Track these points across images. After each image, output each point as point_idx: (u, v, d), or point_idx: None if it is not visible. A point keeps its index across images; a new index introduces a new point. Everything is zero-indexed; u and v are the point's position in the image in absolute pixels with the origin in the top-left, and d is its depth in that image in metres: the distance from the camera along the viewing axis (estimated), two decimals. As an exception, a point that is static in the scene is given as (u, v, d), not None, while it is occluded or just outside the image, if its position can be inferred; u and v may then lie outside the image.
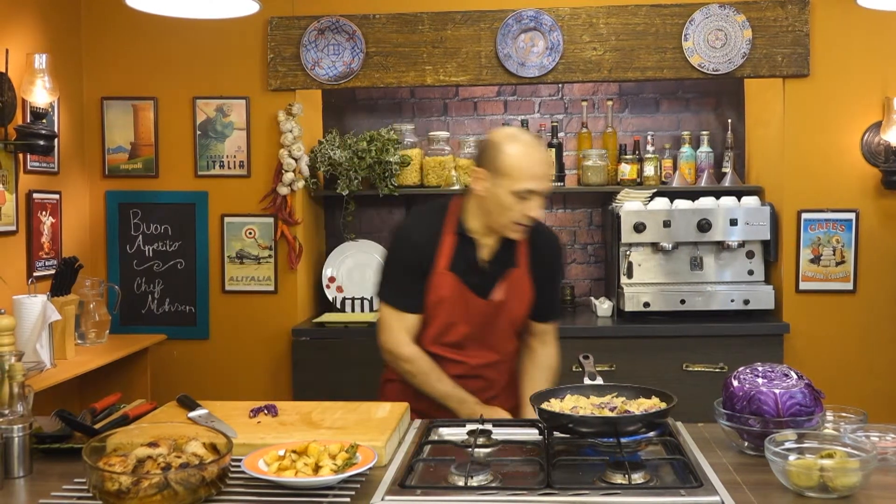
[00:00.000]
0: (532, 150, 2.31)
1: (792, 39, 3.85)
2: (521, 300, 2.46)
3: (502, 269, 2.43)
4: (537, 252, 2.47)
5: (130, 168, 4.12)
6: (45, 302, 3.12)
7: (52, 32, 3.81)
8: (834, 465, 1.58)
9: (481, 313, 2.42)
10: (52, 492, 1.65)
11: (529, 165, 2.28)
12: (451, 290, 2.39)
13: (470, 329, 2.43)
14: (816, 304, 3.90)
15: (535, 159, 2.29)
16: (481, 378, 2.47)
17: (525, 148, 2.31)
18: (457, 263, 2.39)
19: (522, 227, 2.34)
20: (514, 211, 2.30)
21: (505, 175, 2.28)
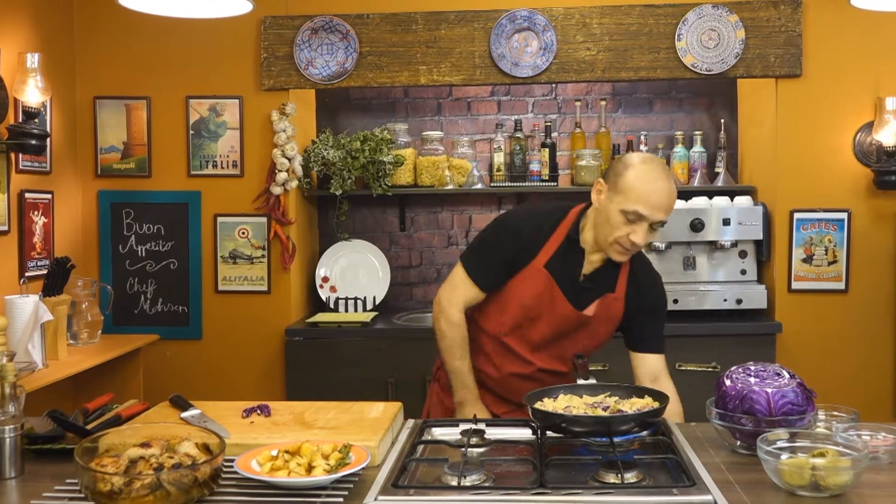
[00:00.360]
0: (657, 177, 2.26)
1: (785, 40, 3.86)
2: (607, 325, 2.43)
3: (599, 290, 2.40)
4: (636, 283, 2.43)
5: (123, 168, 4.11)
6: (37, 302, 3.11)
7: (45, 32, 3.80)
8: (826, 464, 1.58)
9: (565, 321, 2.39)
10: (44, 492, 1.64)
11: (647, 190, 2.23)
12: (543, 287, 2.36)
13: (551, 333, 2.40)
14: (808, 304, 3.91)
15: (656, 186, 2.24)
16: (540, 382, 2.38)
17: (651, 174, 2.26)
18: (555, 265, 2.37)
19: (623, 249, 2.29)
20: (619, 231, 2.26)
21: (621, 192, 2.25)
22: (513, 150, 4.33)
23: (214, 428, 1.89)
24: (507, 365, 2.45)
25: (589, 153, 4.20)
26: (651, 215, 2.24)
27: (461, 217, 4.60)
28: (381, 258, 4.40)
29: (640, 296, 2.43)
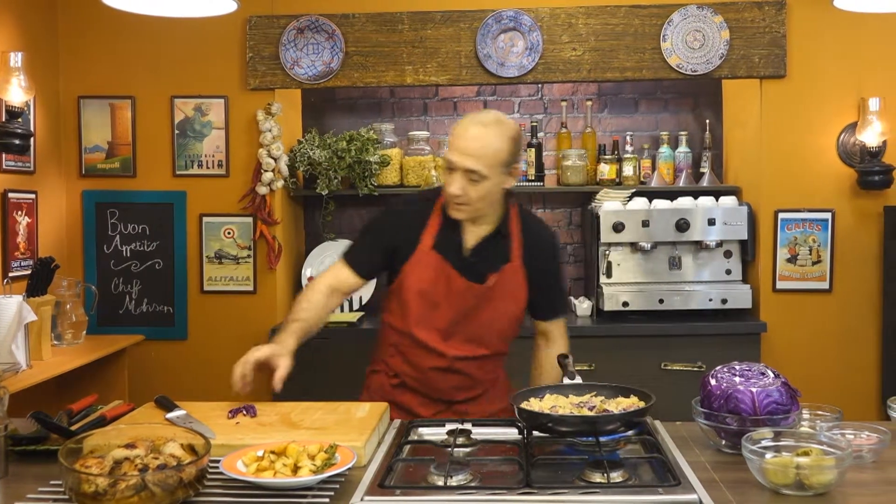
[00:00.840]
0: (469, 124, 2.23)
1: (769, 40, 3.89)
2: (514, 296, 2.38)
3: (494, 262, 2.35)
4: (530, 248, 2.39)
5: (108, 167, 4.09)
6: (20, 302, 3.08)
7: (28, 31, 3.77)
8: (810, 463, 1.59)
9: (465, 298, 2.34)
10: (28, 494, 1.63)
11: (456, 136, 2.23)
12: (436, 268, 2.33)
13: (454, 314, 2.34)
14: (793, 304, 3.94)
15: (466, 132, 2.22)
16: (460, 374, 2.39)
17: (466, 121, 2.25)
18: (441, 244, 2.34)
19: (451, 204, 2.27)
20: (446, 182, 2.26)
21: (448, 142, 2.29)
22: (499, 150, 4.33)
23: (200, 429, 1.89)
24: (423, 360, 2.38)
25: (575, 153, 4.21)
26: (458, 161, 2.20)
27: (447, 217, 4.59)
28: (368, 258, 4.38)
29: (535, 259, 2.40)
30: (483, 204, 2.28)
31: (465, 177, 2.21)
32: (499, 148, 2.22)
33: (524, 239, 2.39)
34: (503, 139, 2.22)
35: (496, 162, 2.22)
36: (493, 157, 2.21)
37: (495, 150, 2.21)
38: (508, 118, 2.30)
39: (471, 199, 2.24)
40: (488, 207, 2.32)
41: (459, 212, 2.28)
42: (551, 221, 4.57)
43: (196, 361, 4.07)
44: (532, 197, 4.55)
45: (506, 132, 2.24)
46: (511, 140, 2.24)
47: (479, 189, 2.23)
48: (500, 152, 2.22)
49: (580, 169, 4.20)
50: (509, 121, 2.28)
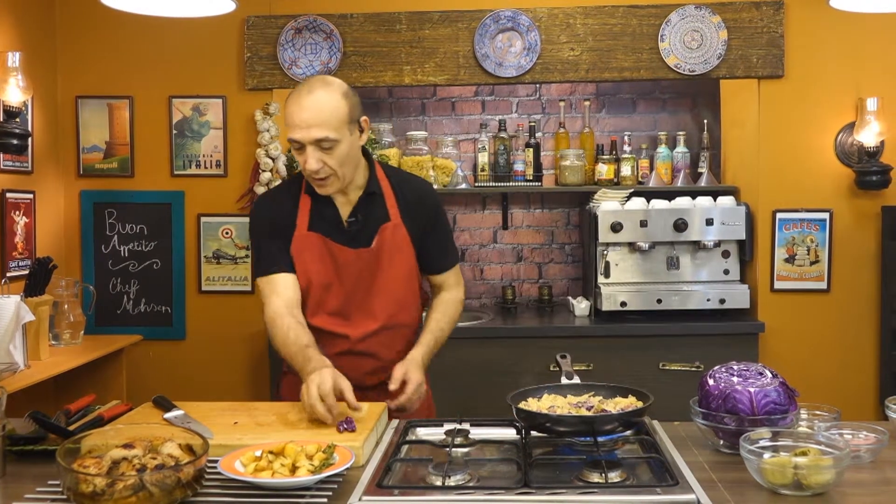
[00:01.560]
0: (300, 94, 2.14)
1: (767, 41, 3.89)
2: (400, 256, 2.31)
3: (373, 225, 2.29)
4: (406, 203, 2.32)
5: (105, 167, 4.09)
6: (18, 302, 3.08)
7: (26, 30, 3.77)
8: (808, 463, 1.59)
9: (354, 268, 2.28)
10: (26, 494, 1.63)
11: (289, 111, 2.14)
12: (317, 249, 2.27)
13: (347, 290, 2.28)
14: (791, 304, 3.94)
15: (297, 105, 2.13)
16: (366, 355, 2.31)
17: (294, 95, 2.16)
18: (317, 223, 2.28)
19: (314, 180, 2.20)
20: (301, 163, 2.19)
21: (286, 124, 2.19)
22: (497, 150, 4.34)
23: (197, 429, 1.88)
24: (327, 348, 2.23)
25: (573, 153, 4.21)
26: (304, 136, 2.13)
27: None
28: (366, 258, 4.39)
29: (414, 214, 2.33)
30: (346, 169, 2.20)
31: (318, 148, 2.14)
32: (336, 106, 2.14)
33: (397, 195, 2.32)
34: (336, 97, 2.15)
35: (340, 122, 2.14)
36: (335, 117, 2.13)
37: (333, 109, 2.13)
38: (333, 78, 2.22)
39: (333, 169, 2.17)
40: (352, 171, 2.24)
41: (327, 186, 2.21)
42: (549, 221, 4.57)
43: (194, 361, 4.07)
44: (530, 197, 4.55)
45: (336, 90, 2.16)
46: (344, 96, 2.17)
47: (336, 155, 2.16)
48: (339, 110, 2.14)
49: (578, 169, 4.20)
50: (335, 79, 2.21)
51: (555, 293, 4.46)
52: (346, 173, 2.21)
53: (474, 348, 3.82)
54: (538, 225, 4.58)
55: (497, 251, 4.61)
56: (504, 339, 3.85)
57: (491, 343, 3.83)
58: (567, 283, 4.57)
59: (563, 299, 4.44)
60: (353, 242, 2.28)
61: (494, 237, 4.61)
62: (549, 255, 4.59)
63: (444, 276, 2.46)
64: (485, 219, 4.60)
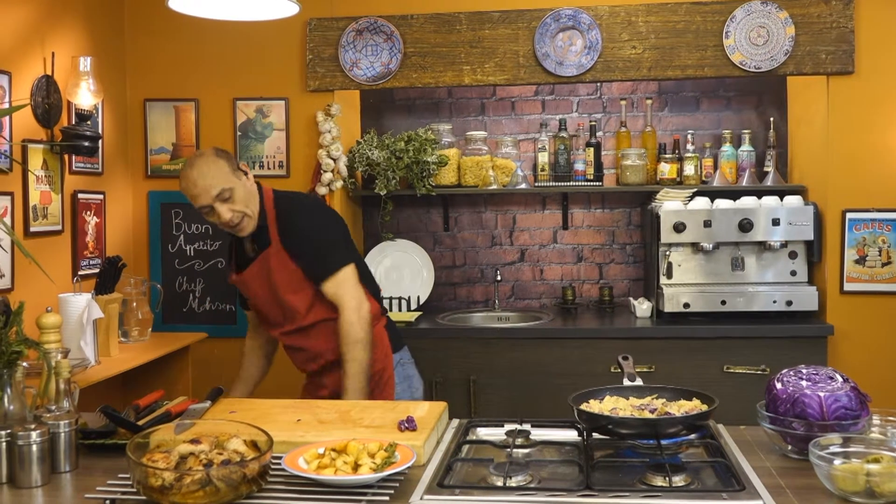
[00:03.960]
0: (186, 174, 2.57)
1: (836, 36, 3.79)
2: (280, 271, 2.64)
3: (260, 250, 2.67)
4: (284, 227, 2.65)
5: (172, 168, 4.18)
6: (89, 300, 3.17)
7: (97, 35, 3.87)
8: (881, 470, 1.55)
9: (260, 292, 2.70)
10: (98, 486, 1.67)
11: (187, 188, 2.57)
12: (235, 280, 2.75)
13: (260, 305, 2.75)
14: (861, 306, 3.83)
15: (189, 181, 2.55)
16: (294, 348, 2.79)
17: (182, 173, 2.59)
18: (237, 259, 2.77)
19: (236, 229, 2.61)
20: (215, 221, 2.60)
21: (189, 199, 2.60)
22: (557, 149, 4.31)
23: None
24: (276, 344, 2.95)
25: (634, 153, 4.16)
26: (206, 199, 2.54)
27: (505, 217, 4.59)
28: (425, 258, 4.41)
29: (287, 236, 2.65)
30: (251, 207, 2.61)
31: (222, 201, 2.54)
32: (217, 165, 2.56)
33: (278, 221, 2.66)
34: (212, 159, 2.57)
35: (226, 174, 2.56)
36: (221, 172, 2.56)
37: (217, 168, 2.55)
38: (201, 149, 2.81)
39: (242, 210, 2.58)
40: (255, 207, 2.64)
41: (245, 228, 2.63)
42: (610, 221, 4.52)
43: (257, 359, 4.12)
44: (590, 197, 4.51)
45: (209, 153, 2.60)
46: (216, 155, 2.59)
47: (238, 200, 2.58)
48: (221, 167, 2.56)
49: (640, 168, 4.15)
50: (204, 149, 2.69)
51: (615, 294, 4.41)
52: (252, 211, 2.62)
53: (534, 349, 3.80)
54: (598, 225, 4.54)
55: (557, 251, 4.58)
56: (564, 340, 3.83)
57: (551, 344, 3.81)
58: (628, 283, 4.52)
59: (624, 300, 4.39)
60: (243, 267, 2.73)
61: (554, 237, 4.58)
62: (609, 255, 4.54)
63: (324, 289, 2.64)
64: (545, 219, 4.58)
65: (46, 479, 1.74)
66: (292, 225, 2.66)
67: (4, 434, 1.73)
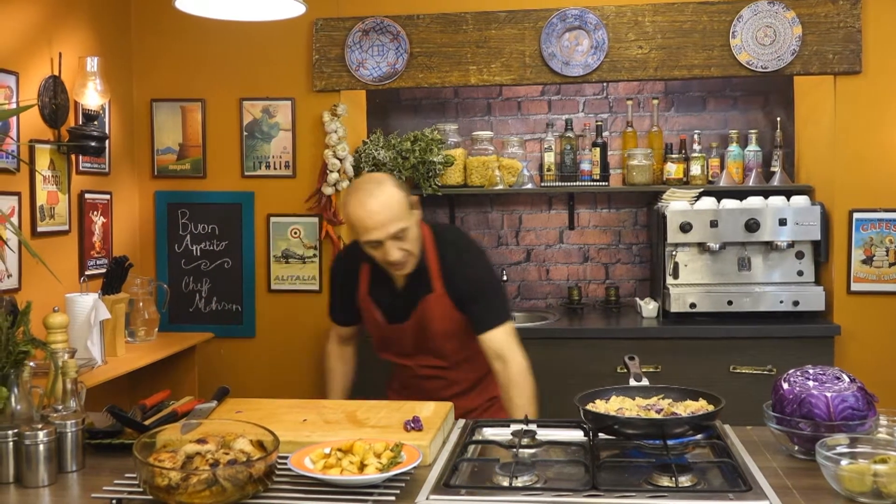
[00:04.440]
0: (363, 200, 2.36)
1: (843, 36, 3.78)
2: (445, 322, 2.51)
3: (419, 294, 2.50)
4: (451, 276, 2.50)
5: (179, 169, 4.19)
6: (96, 300, 3.18)
7: (103, 35, 3.89)
8: (888, 471, 1.54)
9: (405, 336, 2.56)
10: (104, 486, 1.68)
11: (361, 218, 2.36)
12: (370, 313, 2.60)
13: (401, 347, 2.59)
14: (869, 306, 3.81)
15: (367, 211, 2.35)
16: (434, 378, 2.60)
17: (358, 199, 2.37)
18: (375, 290, 2.58)
19: (393, 266, 2.43)
20: (377, 256, 2.42)
21: (352, 228, 2.43)
22: (563, 149, 4.31)
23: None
24: (400, 371, 2.71)
25: (641, 152, 4.16)
26: (381, 236, 2.35)
27: (511, 217, 4.58)
28: (432, 258, 4.40)
29: (455, 285, 2.50)
30: (417, 246, 2.46)
31: (395, 239, 2.37)
32: (398, 199, 2.39)
33: (442, 266, 2.51)
34: (394, 190, 2.39)
35: (404, 210, 2.39)
36: (401, 208, 2.38)
37: (397, 203, 2.38)
38: (380, 174, 2.55)
39: (409, 250, 2.42)
40: (419, 246, 2.48)
41: (405, 269, 2.45)
42: (616, 221, 4.52)
43: (264, 359, 4.14)
44: (596, 197, 4.51)
45: (391, 185, 2.41)
46: (397, 187, 2.42)
47: (409, 239, 2.41)
48: (401, 201, 2.39)
49: (646, 168, 4.15)
50: (383, 175, 2.50)
51: (621, 294, 4.40)
52: (417, 250, 2.47)
53: (540, 349, 3.78)
54: (605, 225, 4.53)
55: (563, 251, 4.57)
56: (570, 341, 3.83)
57: (557, 344, 3.81)
58: (634, 283, 4.51)
59: (630, 300, 4.39)
60: (395, 314, 2.56)
61: (560, 237, 4.58)
62: (615, 255, 4.54)
63: (488, 337, 2.49)
64: (551, 219, 4.58)
65: (53, 478, 1.74)
66: (461, 275, 2.51)
67: (11, 434, 1.74)
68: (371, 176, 2.51)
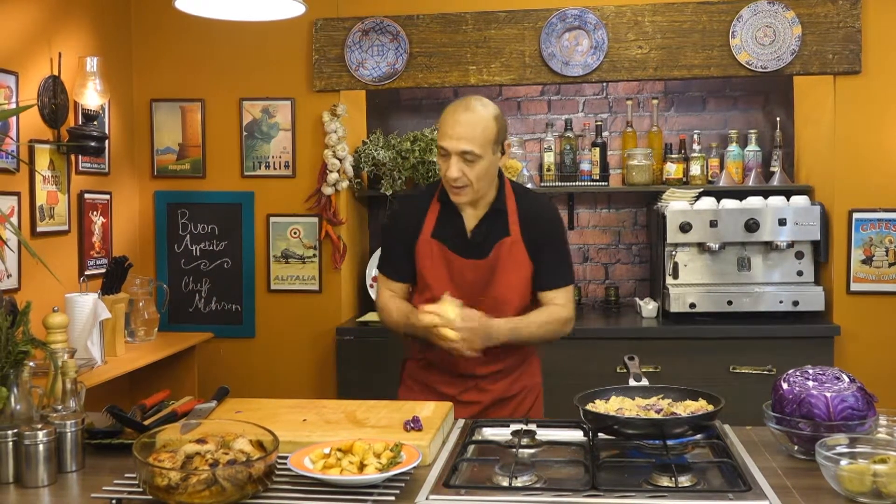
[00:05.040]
0: (456, 109, 2.34)
1: (843, 36, 3.78)
2: (515, 269, 2.42)
3: (494, 238, 2.42)
4: (527, 221, 2.44)
5: (178, 169, 4.19)
6: (95, 300, 3.18)
7: (103, 36, 3.89)
8: (887, 471, 1.54)
9: (469, 277, 2.41)
10: (104, 486, 1.68)
11: (445, 123, 2.33)
12: (437, 256, 2.43)
13: (463, 295, 2.36)
14: (868, 306, 3.82)
15: (453, 117, 2.32)
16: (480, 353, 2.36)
17: (452, 107, 2.35)
18: (441, 232, 2.44)
19: (451, 187, 2.35)
20: (442, 170, 2.35)
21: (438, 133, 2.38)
22: (563, 149, 4.31)
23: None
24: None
25: (640, 152, 4.16)
26: (450, 146, 2.29)
27: (511, 217, 4.58)
28: (431, 258, 4.40)
29: (532, 230, 2.43)
30: (482, 184, 2.36)
31: (461, 160, 2.30)
32: (486, 126, 2.32)
33: (521, 213, 2.44)
34: (489, 118, 2.33)
35: (487, 141, 2.31)
36: (483, 136, 2.31)
37: (483, 129, 2.31)
38: (489, 101, 2.41)
39: (470, 180, 2.32)
40: (487, 187, 2.39)
41: (461, 195, 2.36)
42: (616, 221, 4.52)
43: (263, 359, 4.14)
44: (596, 197, 4.51)
45: (490, 112, 2.35)
46: (495, 119, 2.35)
47: (476, 170, 2.31)
48: (489, 130, 2.32)
49: (646, 168, 4.15)
50: (490, 102, 2.40)
51: (621, 294, 4.40)
52: (482, 187, 2.37)
53: (539, 349, 3.79)
54: (604, 225, 4.53)
55: (563, 251, 4.57)
56: (570, 341, 3.79)
57: (557, 344, 3.78)
58: (634, 284, 4.51)
59: (630, 300, 4.39)
60: (470, 253, 2.42)
61: (560, 237, 4.57)
62: (615, 255, 4.54)
63: (551, 295, 2.45)
64: (550, 219, 4.57)
65: (53, 478, 1.74)
66: (542, 222, 2.45)
67: (11, 434, 1.74)
68: (483, 97, 2.42)
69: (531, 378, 2.57)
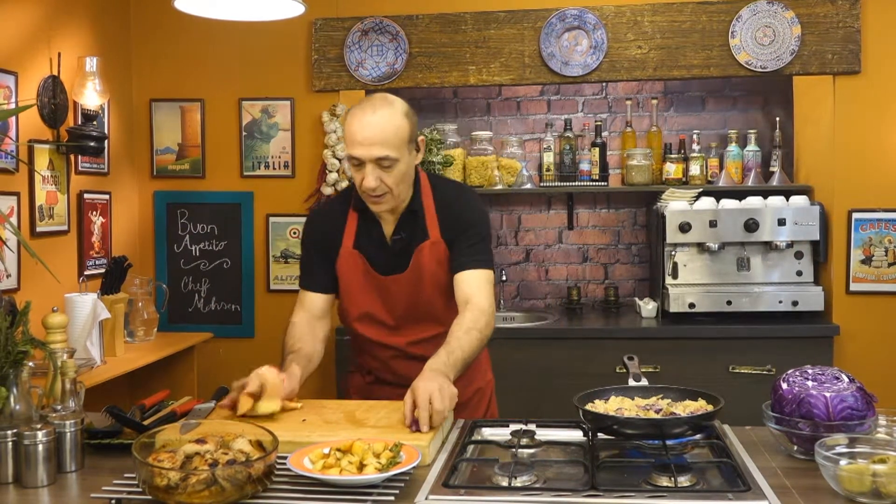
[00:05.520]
0: (363, 111, 2.13)
1: (843, 36, 3.78)
2: (441, 270, 2.28)
3: (414, 243, 2.27)
4: (446, 214, 2.29)
5: (178, 169, 4.19)
6: (95, 300, 3.18)
7: (103, 36, 3.88)
8: (887, 471, 1.54)
9: (395, 290, 2.29)
10: (103, 486, 1.68)
11: (352, 131, 2.12)
12: (358, 269, 2.30)
13: (391, 309, 2.29)
14: (868, 306, 3.82)
15: (361, 122, 2.11)
16: (421, 358, 2.13)
17: (358, 112, 2.14)
18: (362, 241, 2.30)
19: (370, 197, 2.18)
20: (357, 180, 2.17)
21: (344, 138, 2.21)
22: (562, 149, 4.31)
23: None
24: (380, 352, 2.36)
25: (640, 152, 4.16)
26: (362, 154, 2.11)
27: (510, 217, 4.58)
28: (431, 258, 4.40)
29: (449, 224, 2.28)
30: (402, 188, 2.21)
31: (378, 167, 2.13)
32: (399, 126, 2.14)
33: (438, 207, 2.30)
34: (399, 117, 2.15)
35: (402, 141, 2.15)
36: (397, 137, 2.13)
37: (396, 129, 2.13)
38: (395, 97, 2.23)
39: (389, 187, 2.16)
40: (407, 190, 2.25)
41: (381, 204, 2.21)
42: (615, 222, 4.52)
43: (263, 359, 4.11)
44: (596, 197, 4.51)
45: (399, 109, 2.18)
46: (406, 115, 2.18)
47: (394, 175, 2.16)
48: (402, 130, 2.15)
49: (645, 168, 4.15)
50: (397, 98, 2.22)
51: (621, 294, 4.40)
52: (402, 192, 2.22)
53: (539, 349, 3.80)
54: (604, 225, 4.53)
55: (562, 251, 4.57)
56: (569, 341, 3.83)
57: (556, 344, 3.81)
58: (633, 284, 4.51)
59: (630, 300, 4.39)
60: (391, 268, 2.29)
61: (559, 237, 4.58)
62: (615, 255, 4.54)
63: (463, 277, 2.25)
64: (550, 219, 4.58)
65: (52, 478, 1.74)
66: (460, 220, 2.28)
67: (10, 434, 1.74)
68: (387, 94, 2.23)
69: (483, 377, 2.47)
